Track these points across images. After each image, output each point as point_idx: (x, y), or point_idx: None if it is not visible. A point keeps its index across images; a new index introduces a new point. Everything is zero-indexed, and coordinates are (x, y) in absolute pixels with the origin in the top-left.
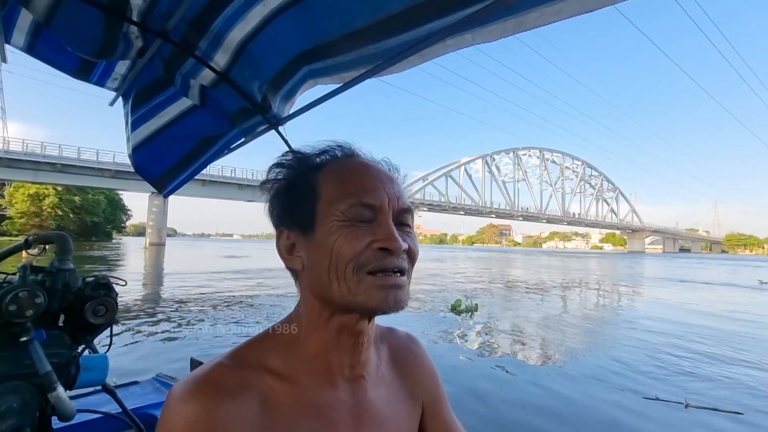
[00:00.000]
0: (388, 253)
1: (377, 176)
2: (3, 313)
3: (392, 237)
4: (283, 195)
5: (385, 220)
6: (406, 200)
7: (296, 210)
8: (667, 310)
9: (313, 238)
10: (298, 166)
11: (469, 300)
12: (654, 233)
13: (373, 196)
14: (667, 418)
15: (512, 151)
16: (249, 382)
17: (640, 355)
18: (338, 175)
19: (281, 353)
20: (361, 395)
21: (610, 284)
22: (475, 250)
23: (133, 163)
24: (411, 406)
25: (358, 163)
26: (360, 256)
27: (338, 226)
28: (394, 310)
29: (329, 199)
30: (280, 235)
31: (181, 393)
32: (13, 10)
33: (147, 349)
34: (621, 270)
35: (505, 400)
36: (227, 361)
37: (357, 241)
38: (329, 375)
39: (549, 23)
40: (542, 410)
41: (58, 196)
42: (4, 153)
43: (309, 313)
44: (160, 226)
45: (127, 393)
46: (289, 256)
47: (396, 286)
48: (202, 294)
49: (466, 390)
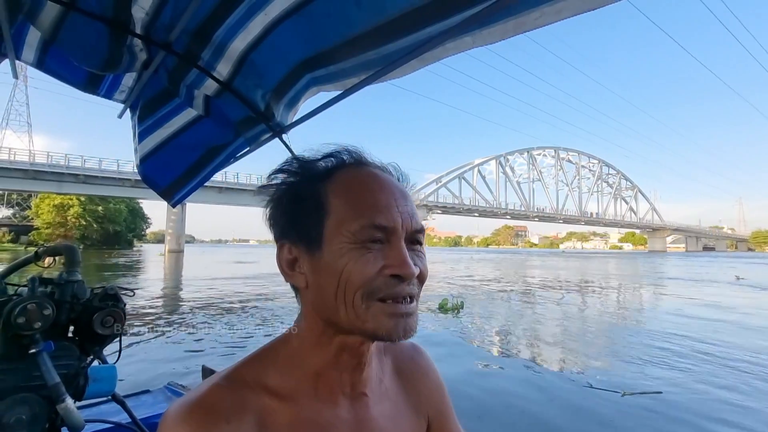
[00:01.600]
0: (400, 280)
1: (390, 193)
2: (12, 325)
3: (405, 263)
4: (287, 206)
5: (398, 244)
6: (419, 220)
7: (302, 224)
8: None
9: (320, 258)
10: (304, 174)
11: (455, 299)
12: (675, 232)
13: (386, 216)
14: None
15: (526, 151)
16: (245, 404)
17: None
18: (349, 189)
19: (279, 371)
20: (363, 413)
21: (639, 285)
22: (488, 252)
23: (141, 173)
24: (415, 420)
25: (370, 176)
26: (371, 282)
27: (349, 248)
28: (403, 339)
29: (339, 218)
30: (281, 248)
31: (175, 417)
32: (22, 27)
33: (161, 355)
34: (654, 270)
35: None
36: (223, 381)
37: (368, 266)
38: (329, 393)
39: (550, 23)
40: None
41: (81, 206)
42: (30, 165)
43: (310, 330)
44: (179, 233)
45: (139, 402)
46: (291, 271)
47: (407, 315)
48: (216, 299)
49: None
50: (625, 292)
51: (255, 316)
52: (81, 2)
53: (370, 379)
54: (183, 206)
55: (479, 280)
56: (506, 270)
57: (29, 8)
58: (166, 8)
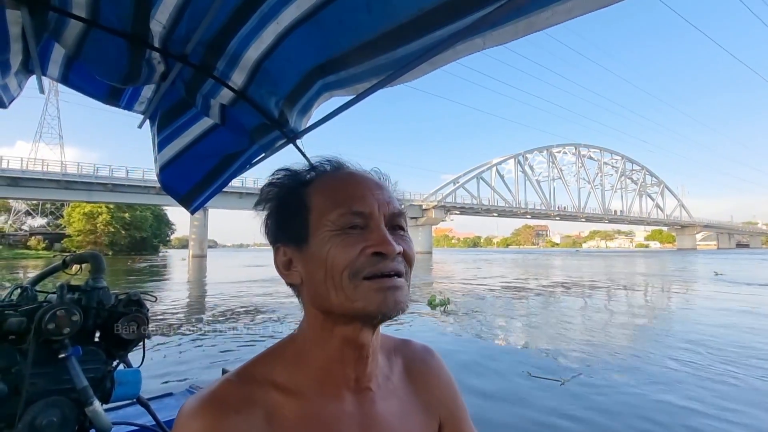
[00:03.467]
0: (383, 257)
1: (365, 184)
2: (42, 331)
3: (385, 240)
4: (276, 213)
5: (376, 225)
6: (397, 204)
7: (289, 225)
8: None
9: (308, 251)
10: (288, 184)
11: (441, 295)
12: (706, 228)
13: (362, 203)
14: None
15: (546, 149)
16: (254, 398)
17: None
18: (327, 187)
19: (287, 368)
20: (369, 408)
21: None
22: (508, 253)
23: (160, 181)
24: (425, 420)
25: (346, 173)
26: (354, 262)
27: (330, 235)
28: (394, 313)
29: (320, 210)
30: (276, 252)
31: (189, 410)
32: (47, 45)
33: (188, 357)
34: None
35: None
36: (234, 377)
37: (350, 248)
38: (335, 388)
39: (561, 22)
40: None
41: (109, 214)
42: (61, 176)
43: (312, 326)
44: (202, 238)
45: (162, 405)
46: (287, 271)
47: (394, 288)
48: (236, 302)
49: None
50: (638, 290)
51: (272, 318)
52: (102, 19)
53: (375, 374)
54: (205, 212)
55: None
56: (507, 269)
57: (54, 26)
58: (182, 21)
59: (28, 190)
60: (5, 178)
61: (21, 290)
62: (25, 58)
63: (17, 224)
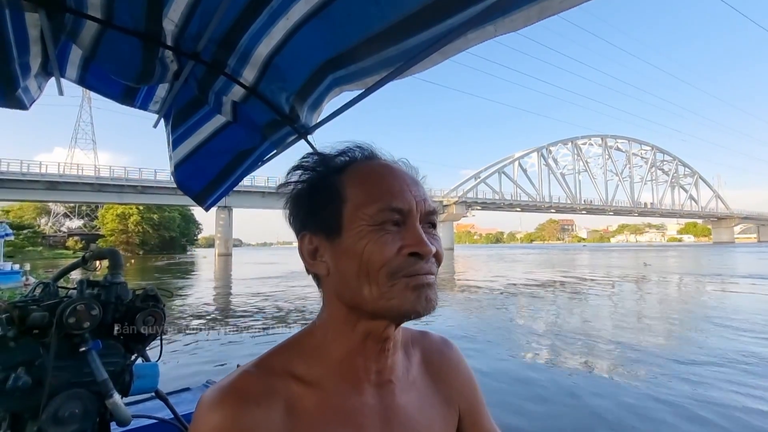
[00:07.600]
0: (418, 257)
1: (403, 179)
2: (64, 325)
3: (423, 242)
4: (306, 198)
5: (413, 225)
6: (432, 202)
7: (320, 214)
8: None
9: (340, 243)
10: (319, 169)
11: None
12: (745, 220)
13: (401, 200)
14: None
15: (570, 141)
16: (274, 389)
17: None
18: (364, 178)
19: (306, 359)
20: (390, 400)
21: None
22: (532, 248)
23: (175, 179)
24: (446, 411)
25: (382, 165)
26: (391, 262)
27: (368, 230)
28: (426, 311)
29: (356, 203)
30: (302, 239)
31: (208, 401)
32: (65, 47)
33: (203, 353)
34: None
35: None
36: (252, 369)
37: (387, 247)
38: (355, 380)
39: (575, 5)
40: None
41: (140, 215)
42: (95, 179)
43: (334, 318)
44: (227, 237)
45: (179, 399)
46: (313, 260)
47: (428, 285)
48: (260, 298)
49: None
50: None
51: (291, 313)
52: (116, 19)
53: (396, 367)
54: (230, 212)
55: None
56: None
57: (71, 28)
58: (194, 19)
59: (65, 193)
60: (45, 183)
61: (43, 286)
62: (44, 61)
63: (56, 226)
